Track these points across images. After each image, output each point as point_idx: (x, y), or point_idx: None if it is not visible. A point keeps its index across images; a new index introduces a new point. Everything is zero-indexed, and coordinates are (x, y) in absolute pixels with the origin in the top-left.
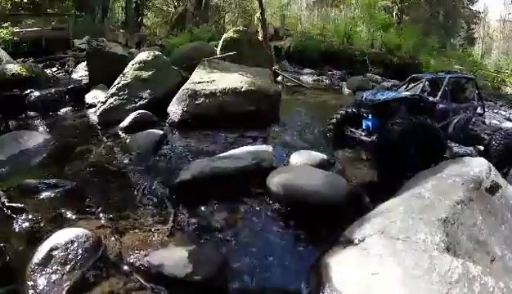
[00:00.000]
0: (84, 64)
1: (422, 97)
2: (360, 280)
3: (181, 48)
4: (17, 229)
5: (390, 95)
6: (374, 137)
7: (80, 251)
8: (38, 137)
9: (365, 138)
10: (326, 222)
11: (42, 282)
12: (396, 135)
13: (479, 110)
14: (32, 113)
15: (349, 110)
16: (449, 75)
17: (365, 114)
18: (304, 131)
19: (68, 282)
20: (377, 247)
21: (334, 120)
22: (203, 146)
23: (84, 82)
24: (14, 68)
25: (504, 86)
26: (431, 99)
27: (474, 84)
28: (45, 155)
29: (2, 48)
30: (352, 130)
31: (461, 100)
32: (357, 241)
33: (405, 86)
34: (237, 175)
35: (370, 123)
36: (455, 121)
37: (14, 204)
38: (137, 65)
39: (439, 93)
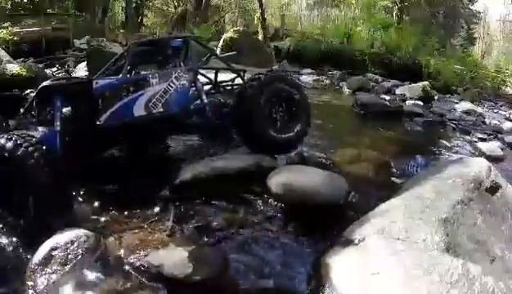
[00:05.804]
0: (84, 64)
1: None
2: (360, 280)
3: None
4: (17, 229)
5: None
6: None
7: (80, 251)
8: None
9: None
10: (326, 222)
11: (42, 282)
12: None
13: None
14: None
15: None
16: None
17: None
18: None
19: (68, 282)
20: (377, 247)
21: None
22: (203, 146)
23: None
24: (14, 68)
25: (504, 86)
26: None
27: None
28: None
29: (2, 48)
30: None
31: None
32: (356, 241)
33: None
34: (237, 175)
35: None
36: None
37: None
38: None
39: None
